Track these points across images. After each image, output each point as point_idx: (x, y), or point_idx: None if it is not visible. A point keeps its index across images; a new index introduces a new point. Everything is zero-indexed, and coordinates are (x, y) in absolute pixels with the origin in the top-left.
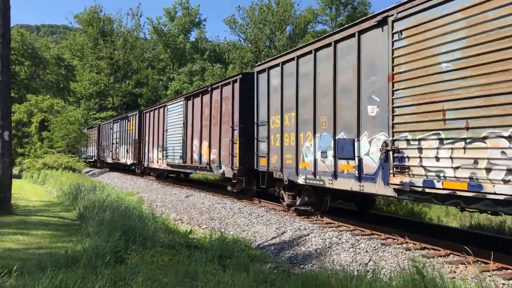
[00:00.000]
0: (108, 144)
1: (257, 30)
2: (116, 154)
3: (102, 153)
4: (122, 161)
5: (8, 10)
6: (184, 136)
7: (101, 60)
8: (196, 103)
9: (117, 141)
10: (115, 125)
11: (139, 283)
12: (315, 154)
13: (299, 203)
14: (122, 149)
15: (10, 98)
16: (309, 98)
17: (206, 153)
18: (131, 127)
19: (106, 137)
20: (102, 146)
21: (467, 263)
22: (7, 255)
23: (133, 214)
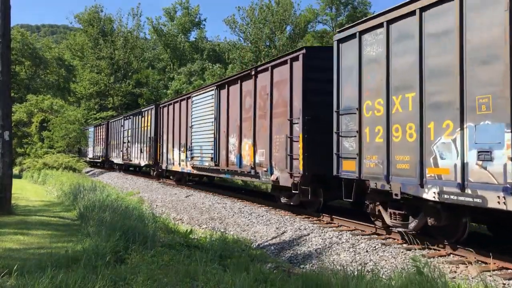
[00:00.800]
0: (117, 143)
1: (257, 30)
2: (127, 154)
3: (111, 153)
4: (135, 162)
5: (9, 10)
6: (216, 133)
7: (102, 60)
8: (233, 92)
9: (129, 140)
10: (127, 121)
11: (140, 283)
12: (463, 156)
13: (414, 226)
14: (135, 148)
15: (10, 98)
16: (449, 68)
17: (249, 154)
18: (145, 123)
19: (115, 135)
20: (111, 146)
21: (468, 263)
22: (7, 255)
23: (133, 214)
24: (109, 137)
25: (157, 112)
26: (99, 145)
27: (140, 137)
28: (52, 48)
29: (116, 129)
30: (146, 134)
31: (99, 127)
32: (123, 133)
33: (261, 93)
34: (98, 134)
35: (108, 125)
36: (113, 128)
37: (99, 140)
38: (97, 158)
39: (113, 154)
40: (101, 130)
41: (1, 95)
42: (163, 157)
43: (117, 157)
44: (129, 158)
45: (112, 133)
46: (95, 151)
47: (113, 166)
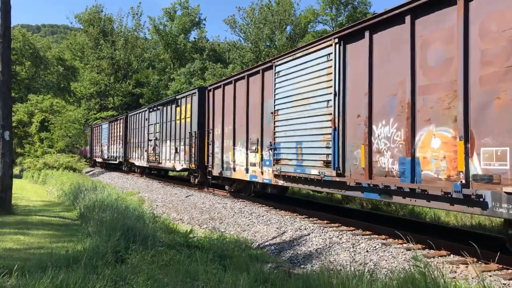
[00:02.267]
0: (140, 141)
1: (257, 30)
2: (154, 155)
3: (131, 153)
4: (166, 166)
5: (9, 10)
6: (338, 119)
7: (102, 60)
8: (379, 46)
9: (156, 137)
10: (153, 114)
11: (140, 283)
12: None
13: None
14: (167, 147)
15: (11, 98)
16: None
17: (443, 155)
18: (183, 114)
19: (136, 131)
20: (131, 144)
21: (468, 263)
22: (7, 255)
23: (134, 214)
24: (128, 134)
25: (202, 98)
26: (115, 143)
27: (175, 132)
28: (52, 48)
29: (138, 124)
30: (184, 129)
31: (115, 122)
32: (148, 129)
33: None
34: (114, 131)
35: (127, 120)
36: (134, 122)
37: (115, 138)
38: (112, 159)
39: (134, 155)
40: (118, 126)
41: (2, 95)
42: (214, 159)
43: (140, 158)
44: (158, 160)
45: (132, 129)
46: (111, 150)
47: (133, 169)
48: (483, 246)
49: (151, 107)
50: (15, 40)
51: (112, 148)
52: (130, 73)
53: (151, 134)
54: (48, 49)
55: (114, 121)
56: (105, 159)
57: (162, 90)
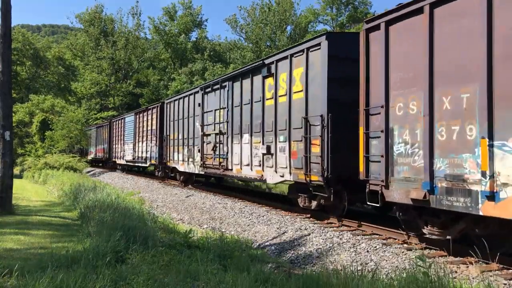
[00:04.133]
0: (186, 137)
1: (258, 30)
2: (217, 158)
3: (172, 154)
4: (243, 174)
5: (9, 10)
6: None
7: (102, 60)
8: None
9: (221, 130)
10: (212, 96)
11: (140, 283)
12: None
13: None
14: (243, 146)
15: (11, 98)
16: None
17: None
18: (283, 89)
19: (180, 124)
20: (170, 142)
21: (469, 263)
22: (8, 255)
23: (134, 214)
24: (166, 127)
25: (341, 48)
26: (144, 141)
27: (263, 121)
28: (52, 48)
29: (182, 113)
30: (288, 113)
31: (144, 113)
32: (202, 119)
33: None
34: (143, 125)
35: (164, 109)
36: (175, 112)
37: (145, 133)
38: (140, 161)
39: (176, 156)
40: (149, 118)
41: (2, 95)
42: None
43: (186, 161)
44: (224, 164)
45: (172, 121)
46: (138, 150)
47: (172, 175)
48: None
49: (207, 86)
50: (16, 40)
51: (139, 147)
52: (130, 73)
53: (208, 127)
54: (48, 49)
55: (142, 112)
56: (129, 161)
57: (163, 90)
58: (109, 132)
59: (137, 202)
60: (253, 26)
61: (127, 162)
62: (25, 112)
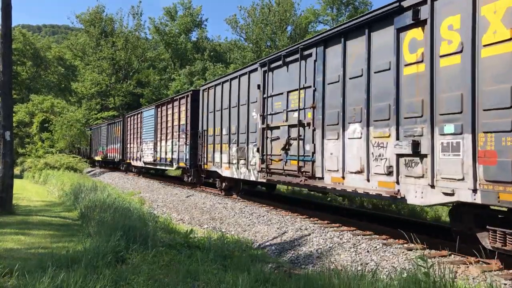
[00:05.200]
0: (235, 131)
1: (259, 30)
2: (300, 161)
3: (214, 155)
4: (363, 189)
5: (10, 10)
6: None
7: (103, 60)
8: None
9: (307, 118)
10: (282, 73)
11: (140, 283)
12: None
13: None
14: (353, 143)
15: (12, 99)
16: None
17: None
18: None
19: (223, 115)
20: (209, 139)
21: (469, 263)
22: (8, 255)
23: (134, 214)
24: (204, 122)
25: None
26: (170, 139)
27: (398, 102)
28: (52, 48)
29: (226, 101)
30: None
31: (169, 105)
32: (263, 106)
33: None
34: (166, 119)
35: (197, 96)
36: (211, 99)
37: (170, 130)
38: (164, 163)
39: (215, 158)
40: (175, 111)
41: (3, 95)
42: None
43: (232, 163)
44: (310, 169)
45: (208, 112)
46: (161, 150)
47: (206, 180)
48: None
49: (273, 59)
50: (16, 40)
51: (162, 146)
52: (131, 73)
53: (274, 117)
54: (48, 49)
55: (166, 103)
56: (149, 163)
57: (163, 90)
58: (122, 129)
59: (137, 202)
60: (253, 26)
61: (145, 164)
62: (25, 112)
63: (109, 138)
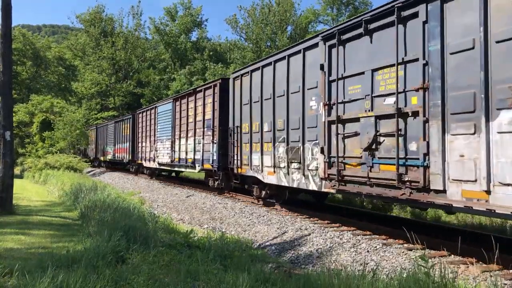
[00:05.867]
0: (283, 127)
1: (259, 30)
2: (403, 165)
3: (252, 156)
4: None
5: (10, 10)
6: None
7: (103, 60)
8: None
9: (411, 104)
10: (370, 41)
11: (141, 283)
12: None
13: None
14: None
15: (12, 99)
16: None
17: None
18: None
19: (273, 104)
20: (243, 137)
21: (469, 263)
22: (8, 254)
23: (134, 214)
24: (233, 115)
25: None
26: (184, 137)
27: None
28: (52, 48)
29: (266, 88)
30: None
31: (183, 100)
32: (330, 92)
33: None
34: (182, 116)
35: (227, 86)
36: (246, 88)
37: (183, 127)
38: (184, 164)
39: (253, 160)
40: (192, 106)
41: (3, 95)
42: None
43: (279, 167)
44: (423, 180)
45: (242, 104)
46: (179, 150)
47: (237, 185)
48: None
49: (344, 29)
50: (16, 40)
51: (182, 145)
52: (131, 73)
53: (347, 106)
54: (48, 49)
55: (187, 95)
56: (164, 164)
57: (163, 90)
58: (132, 127)
59: (137, 202)
60: (253, 26)
61: (160, 166)
62: (25, 112)
63: (117, 137)
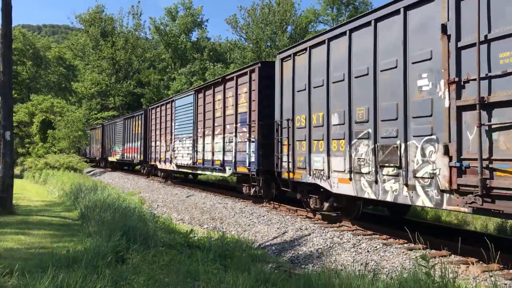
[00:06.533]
0: (366, 117)
1: (259, 30)
2: None
3: (311, 158)
4: None
5: (10, 10)
6: None
7: (103, 60)
8: None
9: None
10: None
11: (141, 283)
12: None
13: None
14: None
15: (12, 99)
16: None
17: None
18: None
19: (348, 87)
20: (296, 134)
21: (470, 263)
22: (8, 254)
23: (134, 214)
24: (282, 104)
25: None
26: (210, 135)
27: None
28: (52, 48)
29: (339, 66)
30: None
31: (208, 90)
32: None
33: None
34: (206, 110)
35: (272, 70)
36: (302, 69)
37: (209, 123)
38: (208, 166)
39: (314, 162)
40: (220, 97)
41: (3, 95)
42: None
43: (362, 173)
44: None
45: (295, 91)
46: (203, 149)
47: (284, 192)
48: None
49: None
50: (16, 40)
51: (208, 144)
52: (131, 73)
53: (496, 83)
54: (48, 49)
55: (213, 85)
56: (185, 166)
57: (163, 90)
58: (144, 124)
59: (137, 202)
60: (254, 26)
61: (178, 168)
62: (25, 112)
63: (127, 135)
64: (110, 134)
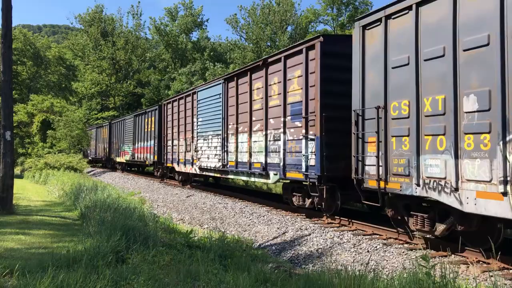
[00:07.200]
0: None
1: (259, 30)
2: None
3: (425, 160)
4: None
5: (10, 11)
6: None
7: (103, 61)
8: None
9: None
10: None
11: (141, 283)
12: None
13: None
14: None
15: (12, 98)
16: None
17: None
18: None
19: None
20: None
21: (470, 263)
22: (8, 254)
23: (134, 214)
24: (372, 86)
25: None
26: (246, 132)
27: None
28: (52, 48)
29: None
30: None
31: (242, 78)
32: None
33: None
34: (238, 103)
35: (339, 50)
36: (400, 41)
37: (243, 119)
38: (244, 170)
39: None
40: (255, 87)
41: (3, 95)
42: None
43: None
44: None
45: (394, 66)
46: (237, 150)
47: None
48: None
49: None
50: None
51: (243, 142)
52: (131, 73)
53: None
54: (48, 49)
55: (250, 71)
56: (211, 169)
57: (164, 90)
58: (158, 121)
59: (137, 202)
60: (254, 26)
61: (202, 171)
62: (25, 113)
63: (138, 134)
64: (118, 133)
